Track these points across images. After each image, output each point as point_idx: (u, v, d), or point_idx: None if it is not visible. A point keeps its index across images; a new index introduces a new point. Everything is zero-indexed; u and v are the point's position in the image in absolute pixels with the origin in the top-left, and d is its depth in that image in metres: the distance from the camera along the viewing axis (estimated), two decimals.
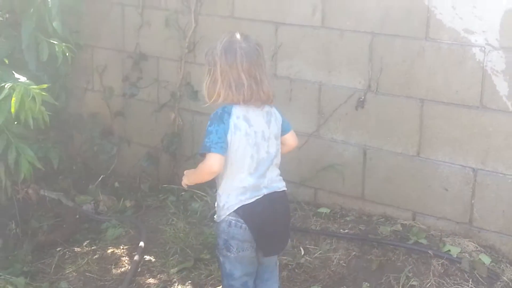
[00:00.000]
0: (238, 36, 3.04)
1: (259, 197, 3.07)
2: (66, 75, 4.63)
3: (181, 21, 4.80)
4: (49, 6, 3.49)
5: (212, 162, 2.93)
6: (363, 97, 4.23)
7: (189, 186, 3.26)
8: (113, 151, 5.26)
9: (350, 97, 4.27)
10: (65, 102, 4.93)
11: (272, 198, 3.11)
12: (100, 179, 5.05)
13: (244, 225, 3.04)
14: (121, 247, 4.22)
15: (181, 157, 5.02)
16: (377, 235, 4.09)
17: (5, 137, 3.62)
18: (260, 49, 3.05)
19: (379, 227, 4.16)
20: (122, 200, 4.91)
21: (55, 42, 3.63)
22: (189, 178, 3.17)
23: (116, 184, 5.15)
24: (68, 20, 4.47)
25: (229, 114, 2.99)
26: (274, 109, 3.18)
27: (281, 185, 3.19)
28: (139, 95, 5.14)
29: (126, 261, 4.09)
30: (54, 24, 3.53)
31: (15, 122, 3.51)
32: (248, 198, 3.05)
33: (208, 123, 3.00)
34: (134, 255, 4.07)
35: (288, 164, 4.54)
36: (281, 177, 3.20)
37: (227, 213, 3.06)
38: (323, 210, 4.43)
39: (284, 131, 3.24)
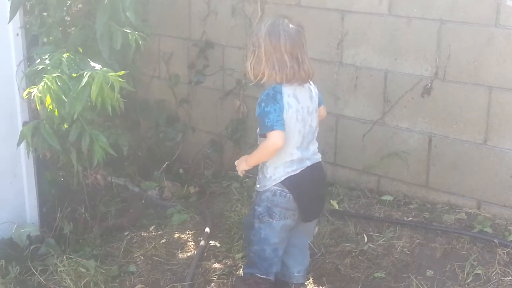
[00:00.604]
0: (281, 19, 3.25)
1: (303, 168, 3.29)
2: (134, 63, 4.70)
3: (247, 9, 4.83)
4: None
5: (277, 138, 3.15)
6: (429, 84, 4.20)
7: (246, 171, 3.46)
8: (178, 137, 5.33)
9: (416, 85, 4.25)
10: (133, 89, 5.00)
11: (313, 169, 3.34)
12: (165, 165, 5.12)
13: (289, 195, 3.28)
14: (187, 232, 4.29)
15: (245, 144, 5.07)
16: (441, 223, 4.07)
17: (79, 124, 3.71)
18: (302, 30, 3.27)
19: (443, 215, 4.14)
20: (186, 186, 4.98)
21: (129, 31, 3.70)
22: (250, 160, 3.36)
23: (181, 171, 5.23)
24: (136, 9, 4.57)
25: (281, 93, 3.21)
26: (312, 84, 3.39)
27: (319, 157, 3.41)
28: (204, 82, 5.19)
29: (192, 246, 4.15)
30: (128, 13, 3.59)
31: (90, 110, 3.59)
32: (294, 170, 3.28)
33: (262, 104, 3.21)
34: (200, 240, 4.12)
35: (352, 151, 4.61)
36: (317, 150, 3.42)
37: (273, 184, 3.29)
38: (387, 197, 4.42)
39: (319, 103, 3.44)
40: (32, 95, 3.33)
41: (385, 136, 4.46)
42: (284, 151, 3.25)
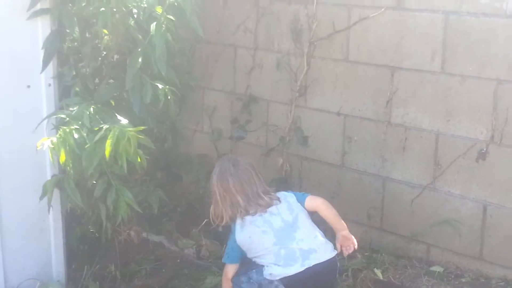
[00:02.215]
0: (227, 164, 3.61)
1: (301, 269, 3.36)
2: (175, 117, 4.57)
3: (292, 63, 4.67)
4: (154, 46, 3.42)
5: (225, 272, 3.68)
6: (485, 149, 3.94)
7: None
8: None
9: (470, 148, 4.00)
10: (173, 143, 4.87)
11: (317, 269, 3.39)
12: (204, 222, 4.93)
13: (280, 286, 3.39)
14: None
15: None
16: None
17: (106, 179, 3.58)
18: (250, 168, 3.59)
19: None
20: (225, 246, 4.76)
21: (158, 84, 3.56)
22: None
23: (220, 229, 5.00)
24: (179, 61, 4.47)
25: (234, 227, 3.58)
26: (280, 197, 3.63)
27: (323, 248, 3.49)
28: (247, 138, 5.02)
29: None
30: (159, 65, 3.47)
31: (116, 164, 3.45)
32: (285, 267, 3.38)
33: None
34: None
35: (399, 217, 4.36)
36: (326, 240, 3.54)
37: (269, 278, 3.42)
38: (436, 269, 4.18)
39: (301, 202, 3.63)
40: (45, 147, 3.20)
41: (435, 202, 4.20)
42: (261, 253, 3.47)
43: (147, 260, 4.48)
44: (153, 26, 3.44)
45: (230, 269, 3.65)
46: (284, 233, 3.46)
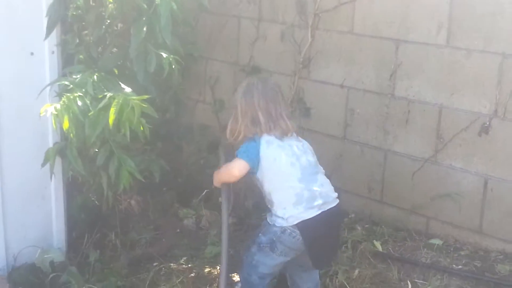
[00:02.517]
0: (256, 80, 3.48)
1: (318, 213, 3.26)
2: (178, 86, 4.55)
3: (297, 35, 4.65)
4: (159, 15, 3.39)
5: (235, 167, 3.34)
6: (488, 123, 3.95)
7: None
8: (219, 165, 5.12)
9: (473, 122, 4.00)
10: (175, 113, 4.85)
11: (330, 215, 3.30)
12: (204, 193, 4.93)
13: (298, 236, 3.26)
14: (218, 267, 4.06)
15: None
16: (494, 274, 3.83)
17: (108, 148, 3.56)
18: (277, 89, 3.45)
19: (497, 265, 3.91)
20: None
21: (163, 54, 3.53)
22: (216, 179, 3.56)
23: (220, 200, 5.01)
24: (183, 31, 4.43)
25: (259, 137, 3.34)
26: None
27: (335, 198, 3.38)
28: None
29: None
30: (164, 34, 3.44)
31: (119, 133, 3.43)
32: (305, 209, 3.25)
33: (240, 147, 3.38)
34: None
35: (400, 189, 4.36)
36: (332, 188, 3.41)
37: (284, 224, 3.27)
38: (435, 241, 4.20)
39: None
40: (48, 113, 3.19)
41: (436, 175, 4.21)
42: (284, 188, 3.30)
43: (147, 229, 4.50)
44: None
45: (243, 167, 3.34)
46: (308, 173, 3.33)
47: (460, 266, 3.93)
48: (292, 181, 3.29)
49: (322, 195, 3.30)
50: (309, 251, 3.29)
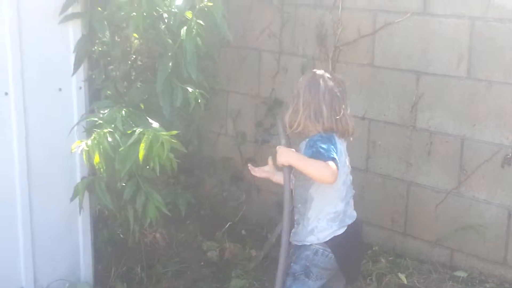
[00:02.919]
0: (322, 72, 3.24)
1: (345, 227, 3.18)
2: (200, 120, 4.60)
3: (317, 67, 4.66)
4: (185, 51, 3.45)
5: (334, 171, 2.94)
6: (510, 154, 3.95)
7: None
8: (242, 198, 5.17)
9: (495, 154, 4.01)
10: (197, 146, 4.90)
11: (354, 227, 3.24)
12: (227, 225, 4.95)
13: (331, 254, 3.15)
14: None
15: None
16: None
17: (135, 182, 3.61)
18: (343, 85, 3.21)
19: None
20: (248, 249, 4.79)
21: (189, 89, 3.59)
22: (300, 162, 3.04)
23: (243, 232, 5.04)
24: (205, 64, 4.49)
25: (334, 138, 3.10)
26: None
27: (355, 214, 3.29)
28: (271, 141, 5.03)
29: None
30: (189, 69, 3.49)
31: (146, 167, 3.47)
32: (338, 227, 3.16)
33: (318, 143, 3.02)
34: None
35: (423, 221, 4.36)
36: None
37: (315, 242, 3.15)
38: (460, 274, 4.18)
39: None
40: (80, 150, 3.24)
41: (460, 207, 4.20)
42: (329, 200, 3.16)
43: (172, 262, 4.50)
44: (183, 30, 3.47)
45: (336, 172, 2.96)
46: (350, 193, 3.25)
47: None
48: (337, 197, 3.17)
49: (351, 217, 3.24)
50: (342, 267, 3.20)
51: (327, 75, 3.21)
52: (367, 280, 4.11)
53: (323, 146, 3.00)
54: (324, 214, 3.16)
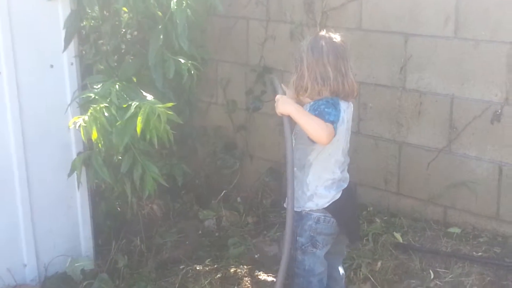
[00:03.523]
0: (324, 34, 3.20)
1: (341, 191, 3.21)
2: (191, 90, 4.62)
3: (306, 33, 4.70)
4: (176, 23, 3.46)
5: (330, 134, 2.95)
6: (499, 111, 4.01)
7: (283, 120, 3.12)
8: (235, 165, 5.21)
9: (485, 111, 4.06)
10: (189, 116, 4.93)
11: (349, 190, 3.28)
12: (222, 194, 5.01)
13: (332, 219, 3.20)
14: (243, 267, 4.16)
15: None
16: None
17: (131, 154, 3.64)
18: (345, 45, 3.18)
19: None
20: (244, 215, 4.85)
21: (181, 60, 3.61)
22: (300, 114, 3.02)
23: (238, 199, 5.10)
24: (194, 35, 4.49)
25: (339, 105, 3.07)
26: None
27: (348, 176, 3.31)
28: (262, 109, 5.07)
29: (248, 281, 4.01)
30: (181, 41, 3.51)
31: (143, 139, 3.50)
32: (336, 192, 3.19)
33: (322, 106, 3.01)
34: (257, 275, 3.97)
35: (416, 180, 4.43)
36: None
37: (314, 208, 3.17)
38: (454, 230, 4.26)
39: None
40: (78, 125, 3.26)
41: (451, 164, 4.27)
42: (327, 167, 3.18)
43: (170, 233, 4.56)
44: (173, 2, 3.49)
45: (332, 136, 2.98)
46: (346, 150, 3.25)
47: (480, 253, 3.97)
48: (334, 165, 3.18)
49: (346, 180, 3.27)
50: (344, 229, 3.25)
51: (328, 35, 3.18)
52: (363, 241, 4.17)
53: (327, 110, 3.00)
54: (323, 181, 3.19)
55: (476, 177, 4.18)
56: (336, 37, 3.19)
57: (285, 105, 3.08)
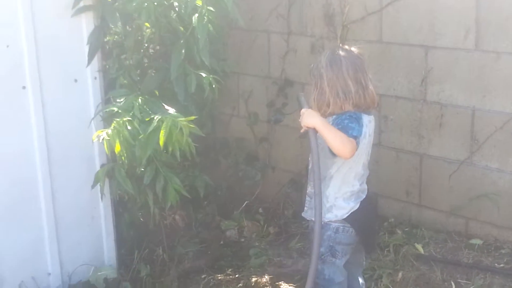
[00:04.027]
0: (340, 47, 3.25)
1: (359, 202, 3.23)
2: (213, 103, 4.67)
3: (326, 46, 4.73)
4: (197, 38, 3.52)
5: (353, 149, 2.97)
6: None
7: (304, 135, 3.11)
8: (257, 176, 5.24)
9: (506, 123, 4.06)
10: (211, 129, 4.98)
11: (368, 200, 3.29)
12: (244, 204, 5.05)
13: (351, 229, 3.22)
14: (265, 276, 4.19)
15: None
16: None
17: (154, 167, 3.69)
18: (362, 56, 3.20)
19: None
20: (265, 226, 4.88)
21: (203, 74, 3.66)
22: (326, 128, 2.98)
23: (260, 210, 5.14)
24: (215, 48, 4.55)
25: (362, 119, 3.10)
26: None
27: (367, 187, 3.32)
28: (284, 121, 5.10)
29: None
30: (202, 55, 3.57)
31: (164, 152, 3.56)
32: (355, 203, 3.22)
33: (346, 121, 3.03)
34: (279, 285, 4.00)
35: (438, 192, 4.43)
36: None
37: (333, 219, 3.20)
38: (476, 241, 4.25)
39: None
40: (101, 139, 3.32)
41: (473, 176, 4.26)
42: (347, 180, 3.21)
43: (192, 243, 4.60)
44: (195, 18, 3.53)
45: (354, 151, 2.99)
46: (367, 163, 3.26)
47: (502, 265, 3.97)
48: (354, 177, 3.21)
49: (365, 191, 3.29)
50: (362, 239, 3.28)
51: (345, 49, 3.20)
52: (384, 252, 4.19)
53: (351, 124, 3.01)
54: (342, 193, 3.22)
55: (498, 189, 4.17)
56: (353, 50, 3.21)
57: (310, 117, 3.05)
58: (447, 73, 4.23)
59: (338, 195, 3.22)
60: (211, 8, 3.61)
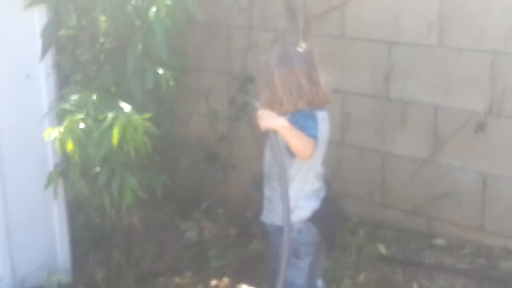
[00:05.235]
0: (289, 45, 3.22)
1: (319, 200, 3.16)
2: (172, 100, 4.55)
3: (289, 41, 4.65)
4: (154, 33, 3.40)
5: (314, 148, 2.93)
6: (483, 120, 3.97)
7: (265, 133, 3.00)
8: (218, 176, 5.14)
9: (468, 121, 4.03)
10: (170, 126, 4.86)
11: (326, 196, 3.21)
12: (204, 205, 4.94)
13: (314, 229, 3.15)
14: (224, 279, 4.12)
15: None
16: (498, 271, 3.85)
17: (109, 166, 3.58)
18: (312, 52, 3.12)
19: (500, 261, 3.93)
20: (226, 227, 4.79)
21: (160, 70, 3.55)
22: (288, 131, 2.88)
23: (220, 211, 5.04)
24: (174, 44, 4.44)
25: (316, 117, 3.02)
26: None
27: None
28: (245, 119, 5.00)
29: None
30: (159, 51, 3.46)
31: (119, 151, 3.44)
32: (316, 202, 3.15)
33: (302, 120, 2.95)
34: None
35: (400, 191, 4.39)
36: None
37: (296, 220, 3.08)
38: (438, 241, 4.22)
39: None
40: (52, 137, 3.19)
41: (435, 175, 4.23)
42: (307, 180, 3.14)
43: (150, 245, 4.49)
44: (152, 12, 3.43)
45: (314, 150, 2.95)
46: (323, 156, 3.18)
47: (464, 265, 3.96)
48: (314, 176, 3.15)
49: (323, 189, 3.21)
50: (326, 237, 3.22)
51: (294, 46, 3.14)
52: (346, 252, 4.13)
53: (307, 124, 2.94)
54: (304, 193, 3.14)
55: (461, 188, 4.14)
56: (302, 46, 3.15)
57: (271, 118, 2.94)
58: (410, 69, 4.19)
59: (299, 195, 3.13)
60: (168, 2, 3.50)
